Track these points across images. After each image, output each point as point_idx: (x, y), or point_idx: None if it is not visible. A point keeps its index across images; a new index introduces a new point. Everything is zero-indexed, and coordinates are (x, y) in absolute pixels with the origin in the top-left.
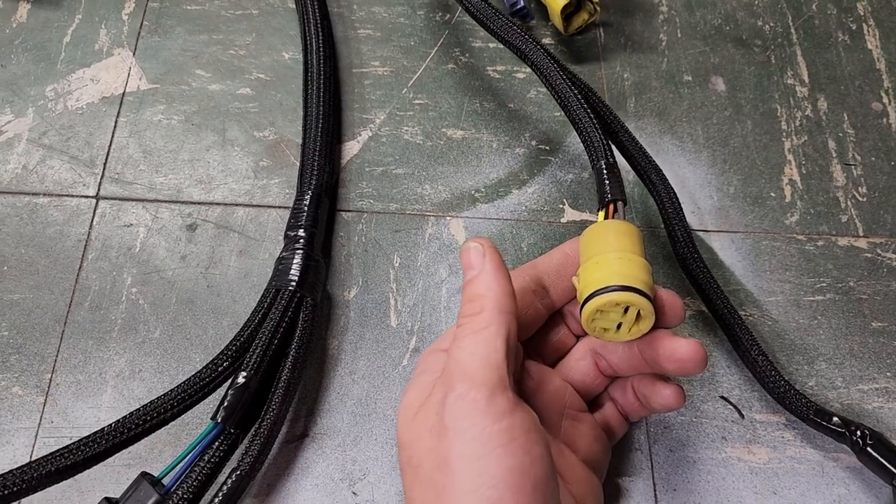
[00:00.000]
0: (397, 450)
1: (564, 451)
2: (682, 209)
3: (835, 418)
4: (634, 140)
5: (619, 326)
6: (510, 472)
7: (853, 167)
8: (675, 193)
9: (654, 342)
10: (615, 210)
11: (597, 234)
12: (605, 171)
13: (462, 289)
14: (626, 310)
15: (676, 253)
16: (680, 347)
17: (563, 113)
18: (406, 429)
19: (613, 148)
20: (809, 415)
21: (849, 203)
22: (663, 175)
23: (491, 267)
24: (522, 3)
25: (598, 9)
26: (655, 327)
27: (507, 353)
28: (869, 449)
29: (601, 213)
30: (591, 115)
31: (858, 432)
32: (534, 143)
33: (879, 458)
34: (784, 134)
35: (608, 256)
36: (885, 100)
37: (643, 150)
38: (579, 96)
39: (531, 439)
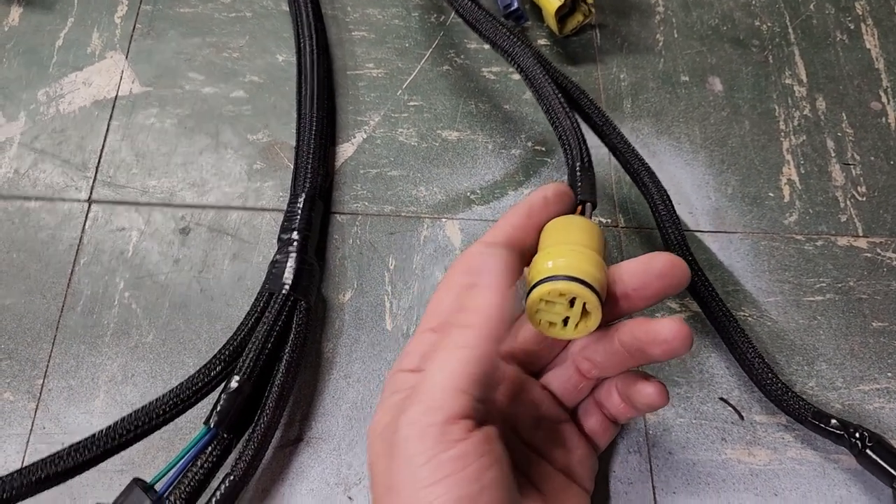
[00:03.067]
0: None
1: (541, 462)
2: (675, 211)
3: (833, 420)
4: (626, 142)
5: (566, 323)
6: (458, 502)
7: (852, 167)
8: (668, 195)
9: (634, 329)
10: (583, 211)
11: (555, 227)
12: (578, 172)
13: (454, 266)
14: (573, 303)
15: None
16: (662, 329)
17: None
18: (370, 449)
19: (606, 148)
20: (808, 417)
21: (848, 203)
22: (656, 177)
23: (499, 284)
24: (516, 5)
25: (593, 10)
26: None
27: (480, 380)
28: (868, 451)
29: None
30: (570, 115)
31: (857, 434)
32: (529, 144)
33: (879, 460)
34: (782, 134)
35: (560, 248)
36: (884, 99)
37: (635, 152)
38: (560, 96)
39: (483, 465)
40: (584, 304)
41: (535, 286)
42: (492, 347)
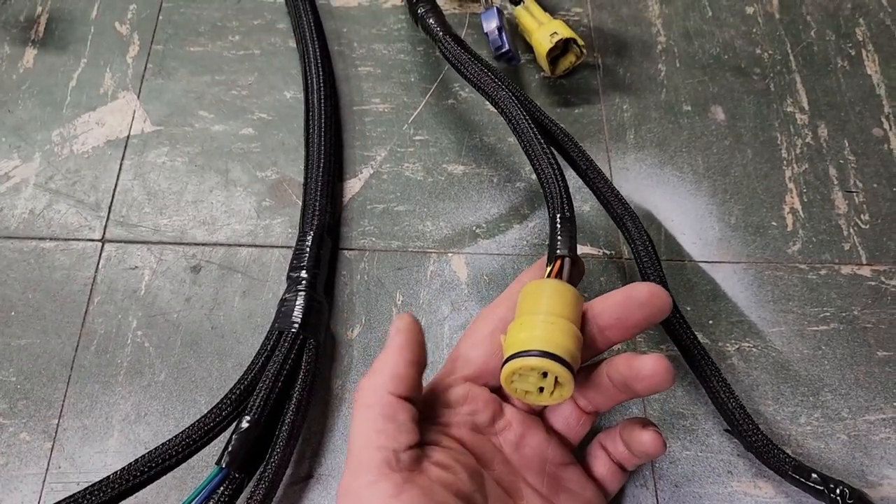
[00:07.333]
0: None
1: None
2: (658, 257)
3: (813, 475)
4: (610, 185)
5: (542, 390)
6: None
7: (855, 194)
8: (651, 241)
9: (619, 365)
10: (561, 266)
11: (532, 293)
12: (558, 224)
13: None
14: (546, 374)
15: None
16: (644, 366)
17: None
18: None
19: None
20: (788, 471)
21: (851, 231)
22: (639, 222)
23: (394, 345)
24: (508, 47)
25: (585, 51)
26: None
27: (395, 431)
28: None
29: (547, 269)
30: (553, 163)
31: (838, 490)
32: (534, 177)
33: None
34: (785, 162)
35: (535, 318)
36: (886, 125)
37: (619, 195)
38: (542, 142)
39: None
40: (556, 376)
41: (507, 360)
42: (390, 401)
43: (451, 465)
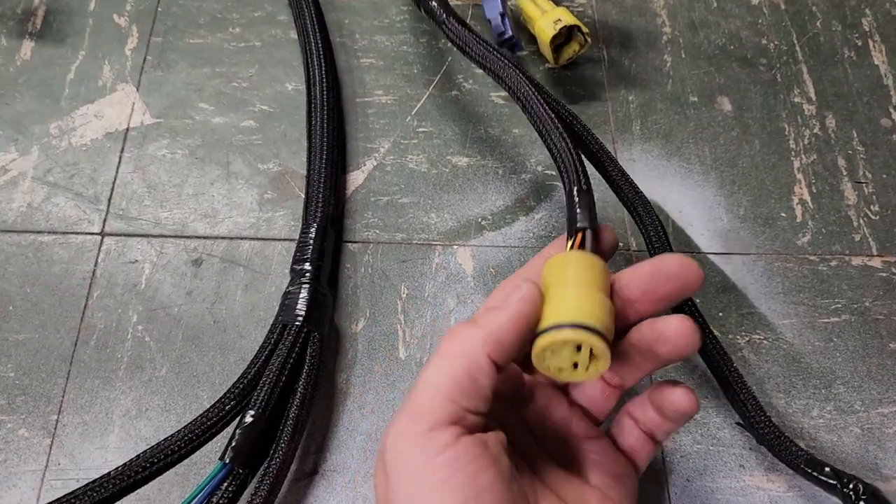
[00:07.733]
0: None
1: (573, 482)
2: (670, 244)
3: (826, 469)
4: (622, 170)
5: (576, 366)
6: None
7: (864, 185)
8: (663, 227)
9: (643, 329)
10: (583, 239)
11: (557, 266)
12: (576, 198)
13: None
14: (580, 348)
15: None
16: (668, 327)
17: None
18: (374, 474)
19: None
20: (800, 464)
21: (861, 221)
22: (651, 207)
23: (513, 310)
24: (510, 33)
25: (589, 40)
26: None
27: (472, 392)
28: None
29: (568, 243)
30: (566, 137)
31: (851, 485)
32: (540, 168)
33: None
34: (793, 153)
35: (565, 290)
36: (895, 115)
37: (629, 179)
38: (554, 117)
39: (479, 466)
40: (591, 348)
41: (537, 335)
42: (481, 360)
43: (495, 428)
